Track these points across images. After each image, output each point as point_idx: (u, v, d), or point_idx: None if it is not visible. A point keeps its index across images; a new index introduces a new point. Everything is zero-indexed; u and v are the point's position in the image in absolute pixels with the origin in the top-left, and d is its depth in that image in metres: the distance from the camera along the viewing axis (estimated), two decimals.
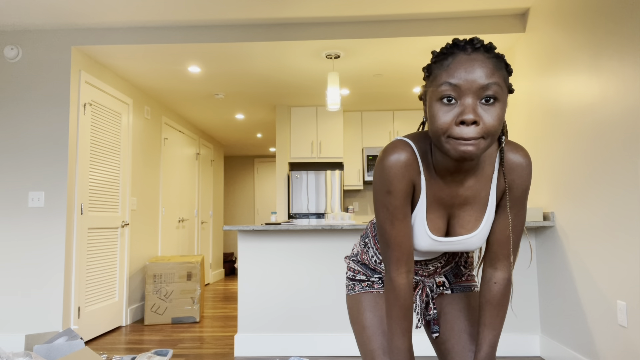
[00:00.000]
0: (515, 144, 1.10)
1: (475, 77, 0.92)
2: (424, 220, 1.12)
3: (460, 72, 0.93)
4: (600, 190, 2.43)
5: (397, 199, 1.09)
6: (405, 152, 1.07)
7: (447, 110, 0.94)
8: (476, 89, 0.92)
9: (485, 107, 0.93)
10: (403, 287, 1.14)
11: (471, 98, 0.92)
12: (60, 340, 1.71)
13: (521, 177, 1.09)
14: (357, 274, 1.37)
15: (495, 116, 0.93)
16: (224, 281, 7.30)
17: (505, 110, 0.96)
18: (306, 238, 3.28)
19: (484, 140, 0.94)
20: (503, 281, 1.16)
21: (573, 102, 2.70)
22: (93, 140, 3.82)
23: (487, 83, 0.92)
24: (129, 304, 4.40)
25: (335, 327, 3.22)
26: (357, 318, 1.30)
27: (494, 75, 0.93)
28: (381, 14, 3.41)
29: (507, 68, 0.98)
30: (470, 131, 0.92)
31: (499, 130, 0.95)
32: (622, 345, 2.28)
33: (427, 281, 1.32)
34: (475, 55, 0.94)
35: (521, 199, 1.11)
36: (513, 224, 1.13)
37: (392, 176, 1.07)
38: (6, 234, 3.45)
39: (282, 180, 5.55)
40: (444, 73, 0.95)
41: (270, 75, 4.43)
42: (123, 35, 3.57)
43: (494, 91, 0.92)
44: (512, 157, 1.09)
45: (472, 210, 1.12)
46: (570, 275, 2.76)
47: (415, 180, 1.10)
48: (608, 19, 2.35)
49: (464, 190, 1.10)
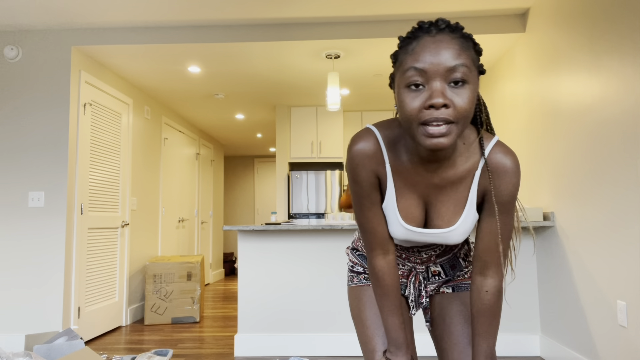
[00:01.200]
0: (505, 147, 1.06)
1: (442, 60, 0.88)
2: (395, 208, 1.10)
3: (425, 55, 0.89)
4: (601, 190, 2.43)
5: (361, 188, 1.09)
6: (367, 141, 1.06)
7: (415, 96, 0.91)
8: (443, 72, 0.88)
9: (455, 90, 0.89)
10: (381, 269, 1.15)
11: (439, 81, 0.89)
12: (60, 340, 1.71)
13: (507, 183, 1.04)
14: (355, 265, 1.36)
15: (466, 98, 0.89)
16: (224, 281, 7.30)
17: (476, 92, 0.93)
18: (306, 238, 3.28)
19: (456, 126, 0.90)
20: (494, 289, 1.11)
21: (573, 102, 2.70)
22: (93, 140, 3.82)
23: (454, 65, 0.88)
24: (129, 304, 4.40)
25: (335, 327, 3.22)
26: (358, 314, 1.29)
27: (460, 56, 0.89)
28: (381, 14, 3.41)
29: (475, 48, 0.95)
30: (440, 114, 0.88)
31: (470, 114, 0.91)
32: (622, 345, 2.28)
33: (419, 268, 1.29)
34: (441, 36, 0.90)
35: (507, 205, 1.06)
36: (497, 231, 1.08)
37: (355, 166, 1.07)
38: (6, 234, 3.45)
39: (282, 180, 5.55)
40: (409, 58, 0.92)
41: (270, 75, 4.43)
42: (123, 35, 3.57)
43: (462, 73, 0.89)
44: (499, 160, 1.04)
45: (450, 204, 1.08)
46: (570, 275, 2.76)
47: (379, 170, 1.08)
48: (608, 19, 2.35)
49: (440, 180, 1.06)
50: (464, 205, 1.08)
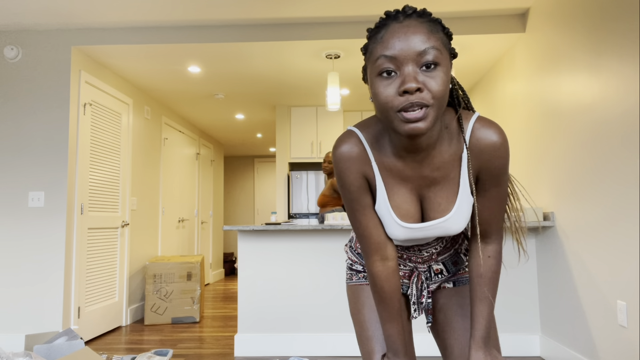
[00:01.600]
0: (486, 121, 1.02)
1: (411, 45, 0.87)
2: (389, 207, 1.07)
3: (394, 42, 0.88)
4: (601, 190, 2.43)
5: (350, 192, 1.06)
6: (350, 143, 1.04)
7: (388, 84, 0.89)
8: (414, 56, 0.87)
9: (427, 73, 0.88)
10: (379, 275, 1.11)
11: (410, 66, 0.88)
12: (60, 340, 1.71)
13: (495, 158, 1.01)
14: (354, 263, 1.33)
15: (440, 80, 0.88)
16: (224, 281, 7.30)
17: (449, 75, 0.92)
18: (306, 238, 3.28)
19: (432, 109, 0.89)
20: (496, 253, 1.11)
21: (573, 102, 2.70)
22: (93, 140, 3.82)
23: (424, 48, 0.87)
24: (129, 304, 4.40)
25: (335, 327, 3.22)
26: (356, 314, 1.27)
27: (430, 39, 0.88)
28: (381, 14, 3.41)
29: (444, 31, 0.93)
30: (415, 99, 0.87)
31: (445, 96, 0.90)
32: (622, 345, 2.28)
33: (420, 267, 1.26)
34: (408, 22, 0.90)
35: (498, 178, 1.04)
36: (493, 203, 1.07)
37: (341, 170, 1.05)
38: (6, 234, 3.45)
39: (282, 180, 5.55)
40: (378, 46, 0.91)
41: (270, 75, 4.43)
42: (123, 35, 3.57)
43: (433, 55, 0.87)
44: (483, 136, 1.01)
45: (443, 192, 1.06)
46: (570, 275, 2.76)
47: (366, 170, 1.06)
48: (608, 19, 2.35)
49: (429, 170, 1.04)
50: (457, 191, 1.06)
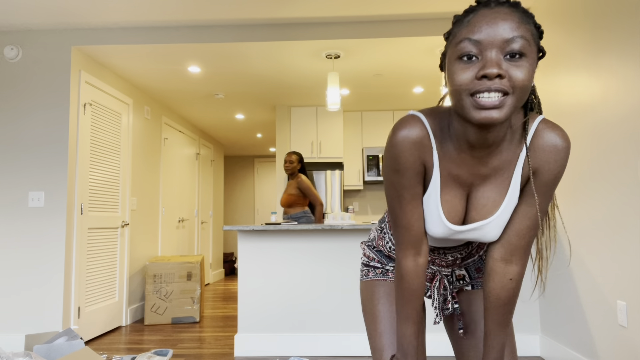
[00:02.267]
0: (553, 123, 0.97)
1: (499, 30, 0.82)
2: (438, 202, 1.01)
3: (481, 26, 0.83)
4: (601, 190, 2.43)
5: (405, 178, 0.99)
6: (415, 127, 0.97)
7: (467, 67, 0.84)
8: (500, 43, 0.82)
9: (512, 62, 0.83)
10: (409, 271, 1.06)
11: (495, 52, 0.82)
12: (60, 340, 1.71)
13: (553, 162, 0.95)
14: (371, 260, 1.29)
15: (524, 71, 0.82)
16: (224, 281, 7.30)
17: (534, 69, 0.86)
18: (306, 238, 3.28)
19: (511, 98, 0.83)
20: (518, 276, 1.03)
21: (573, 101, 2.70)
22: (93, 140, 3.82)
23: (513, 36, 0.82)
24: (129, 304, 4.40)
25: (335, 327, 3.22)
26: (370, 309, 1.23)
27: (520, 28, 0.83)
28: (381, 14, 3.41)
29: (536, 25, 0.88)
30: (494, 84, 0.82)
31: (528, 88, 0.84)
32: (622, 345, 2.28)
33: (444, 271, 1.22)
34: (499, 8, 0.84)
35: (549, 187, 0.97)
36: (532, 213, 0.99)
37: (400, 154, 0.98)
38: (6, 234, 3.45)
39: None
40: (464, 30, 0.86)
41: (270, 75, 4.42)
42: (123, 35, 3.57)
43: (520, 45, 0.82)
44: (547, 136, 0.95)
45: (491, 193, 1.00)
46: (570, 275, 2.76)
47: (427, 158, 0.99)
48: (607, 19, 2.35)
49: (486, 169, 0.98)
50: (505, 193, 1.00)
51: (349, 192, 6.09)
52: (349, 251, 3.26)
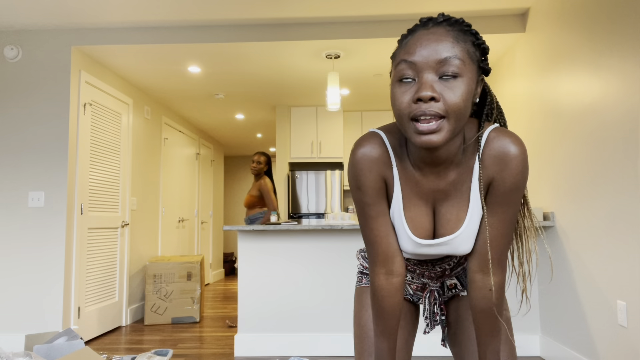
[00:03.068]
0: (506, 132, 0.95)
1: (432, 52, 0.83)
2: (402, 218, 1.02)
3: (417, 47, 0.85)
4: (601, 190, 2.43)
5: (367, 195, 1.01)
6: (373, 144, 0.99)
7: (405, 90, 0.86)
8: (433, 64, 0.83)
9: (446, 84, 0.83)
10: (380, 289, 1.05)
11: (428, 74, 0.83)
12: (60, 340, 1.71)
13: (509, 170, 0.94)
14: (365, 268, 1.30)
15: (458, 92, 0.83)
16: (224, 281, 7.30)
17: (471, 89, 0.86)
18: (306, 238, 3.28)
19: (447, 121, 0.84)
20: (497, 286, 1.02)
21: (573, 102, 2.70)
22: (93, 140, 3.82)
23: (445, 57, 0.83)
24: (129, 304, 4.40)
25: (335, 327, 3.22)
26: (357, 314, 1.24)
27: (454, 48, 0.83)
28: (381, 14, 3.41)
29: (476, 43, 0.88)
30: (429, 108, 0.82)
31: (464, 110, 0.85)
32: (622, 345, 2.28)
33: (432, 285, 1.21)
34: (435, 29, 0.85)
35: (509, 195, 0.96)
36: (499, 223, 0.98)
37: (360, 171, 0.99)
38: (6, 234, 3.45)
39: (282, 180, 5.55)
40: (401, 51, 0.88)
41: (270, 75, 4.42)
42: (123, 35, 3.57)
43: (454, 65, 0.83)
44: (498, 145, 0.94)
45: (454, 208, 1.00)
46: (570, 275, 2.76)
47: (387, 175, 1.00)
48: (608, 19, 2.35)
49: (445, 185, 0.99)
50: (467, 206, 1.00)
51: (349, 192, 6.10)
52: (349, 251, 3.26)
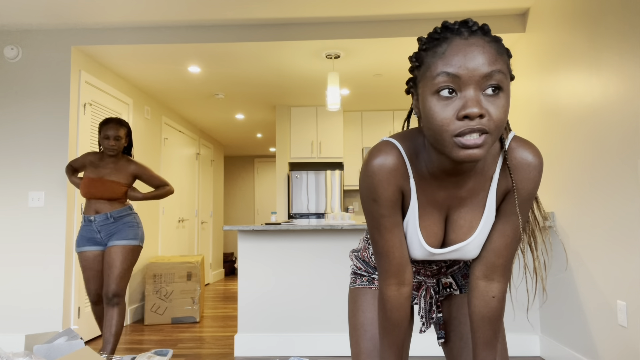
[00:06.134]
0: (524, 141, 0.97)
1: (477, 65, 0.80)
2: (417, 228, 1.01)
3: (459, 59, 0.81)
4: (601, 190, 2.43)
5: (383, 207, 0.98)
6: (390, 155, 0.96)
7: (447, 104, 0.82)
8: (478, 79, 0.80)
9: (490, 98, 0.82)
10: (391, 301, 1.05)
11: (473, 89, 0.81)
12: (60, 340, 1.71)
13: (527, 179, 0.95)
14: (358, 269, 1.30)
15: (502, 107, 0.82)
16: (224, 281, 7.30)
17: (509, 101, 0.85)
18: (306, 238, 3.28)
19: (490, 137, 0.82)
20: (500, 294, 1.02)
21: (573, 102, 2.70)
22: (93, 140, 3.82)
23: (491, 71, 0.80)
24: (129, 304, 4.39)
25: (335, 327, 3.22)
26: (352, 316, 1.24)
27: (497, 61, 0.82)
28: (381, 14, 3.41)
29: (507, 53, 0.88)
30: (476, 125, 0.80)
31: (504, 124, 0.84)
32: (622, 345, 2.28)
33: (429, 282, 1.22)
34: (473, 39, 0.82)
35: (523, 204, 0.97)
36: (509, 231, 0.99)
37: (377, 183, 0.96)
38: (6, 234, 3.45)
39: (282, 180, 5.55)
40: (439, 62, 0.83)
41: (270, 75, 4.43)
42: (123, 35, 3.57)
43: (498, 80, 0.81)
44: (519, 155, 0.95)
45: (468, 214, 1.00)
46: (570, 275, 2.76)
47: (404, 186, 0.99)
48: (608, 18, 2.35)
49: (463, 191, 0.98)
50: (481, 213, 1.00)
51: (349, 192, 6.10)
52: (349, 251, 3.26)
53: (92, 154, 2.96)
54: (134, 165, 2.94)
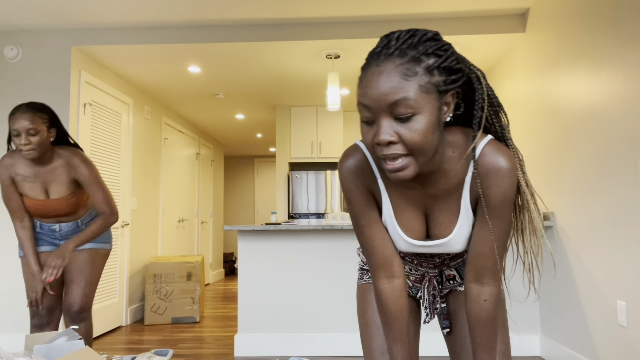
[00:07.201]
0: (497, 146, 0.95)
1: (381, 95, 0.82)
2: (394, 223, 1.05)
3: (368, 90, 0.83)
4: (601, 189, 2.43)
5: (357, 206, 1.05)
6: (355, 157, 1.02)
7: (369, 130, 0.87)
8: (386, 107, 0.82)
9: (403, 124, 0.83)
10: (384, 294, 1.08)
11: (383, 117, 0.83)
12: (60, 340, 1.71)
13: (497, 185, 0.94)
14: (365, 264, 1.31)
15: (416, 131, 0.83)
16: (224, 281, 7.31)
17: (433, 120, 0.84)
18: (306, 238, 3.28)
19: (413, 158, 0.85)
20: (493, 297, 1.03)
21: (573, 102, 2.70)
22: (93, 140, 3.82)
23: (395, 100, 0.81)
24: (129, 304, 4.40)
25: (335, 327, 3.22)
26: (362, 312, 1.25)
27: (402, 89, 0.81)
28: (381, 14, 3.41)
29: (433, 66, 0.84)
30: (389, 151, 0.84)
31: (428, 144, 0.85)
32: (622, 345, 2.28)
33: (431, 272, 1.23)
34: (384, 65, 0.82)
35: (500, 209, 0.97)
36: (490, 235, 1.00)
37: (347, 185, 1.04)
38: (6, 234, 3.45)
39: (282, 180, 5.55)
40: (359, 90, 0.86)
41: (270, 75, 4.43)
42: (123, 35, 3.57)
43: (405, 106, 0.81)
44: (489, 161, 0.94)
45: (445, 212, 1.03)
46: (570, 275, 2.76)
47: (372, 186, 1.04)
48: (608, 19, 2.35)
49: (434, 190, 1.01)
50: (458, 212, 1.03)
51: None
52: (349, 251, 3.26)
53: (8, 165, 2.11)
54: (71, 166, 2.11)
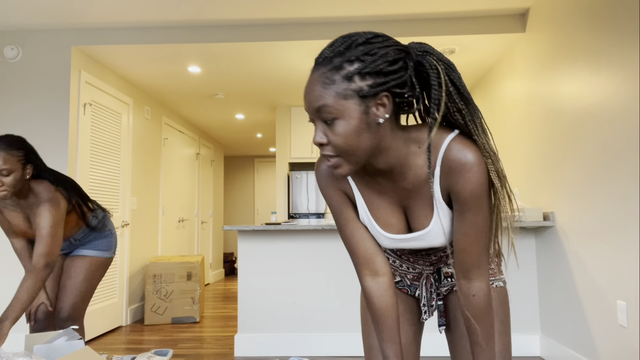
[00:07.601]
0: (463, 141, 0.96)
1: (308, 102, 0.92)
2: (371, 219, 1.09)
3: (304, 96, 0.94)
4: (600, 190, 2.43)
5: (334, 207, 1.12)
6: (324, 161, 1.09)
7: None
8: (314, 113, 0.92)
9: (329, 128, 0.91)
10: (370, 291, 1.11)
11: (317, 121, 0.93)
12: (60, 340, 1.71)
13: (465, 179, 0.95)
14: None
15: (339, 134, 0.90)
16: (224, 281, 7.31)
17: (356, 124, 0.89)
18: (306, 238, 3.28)
19: (343, 159, 0.93)
20: (482, 292, 1.02)
21: (573, 101, 2.70)
22: (93, 140, 3.82)
23: (317, 107, 0.90)
24: (129, 304, 4.39)
25: (335, 327, 3.22)
26: (363, 310, 1.28)
27: (322, 96, 0.89)
28: (381, 14, 3.41)
29: (353, 74, 0.87)
30: (324, 151, 0.94)
31: (352, 147, 0.91)
32: (622, 345, 2.28)
33: (427, 270, 1.23)
34: (313, 73, 0.92)
35: (471, 203, 0.97)
36: (468, 230, 1.00)
37: (322, 187, 1.11)
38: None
39: (282, 180, 5.55)
40: None
41: (270, 75, 4.43)
42: (123, 35, 3.57)
43: (326, 112, 0.89)
44: (455, 155, 0.95)
45: (421, 205, 1.04)
46: (570, 275, 2.76)
47: (344, 187, 1.10)
48: (608, 19, 2.35)
49: (404, 183, 1.03)
50: (432, 207, 1.04)
51: None
52: None
53: None
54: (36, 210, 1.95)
